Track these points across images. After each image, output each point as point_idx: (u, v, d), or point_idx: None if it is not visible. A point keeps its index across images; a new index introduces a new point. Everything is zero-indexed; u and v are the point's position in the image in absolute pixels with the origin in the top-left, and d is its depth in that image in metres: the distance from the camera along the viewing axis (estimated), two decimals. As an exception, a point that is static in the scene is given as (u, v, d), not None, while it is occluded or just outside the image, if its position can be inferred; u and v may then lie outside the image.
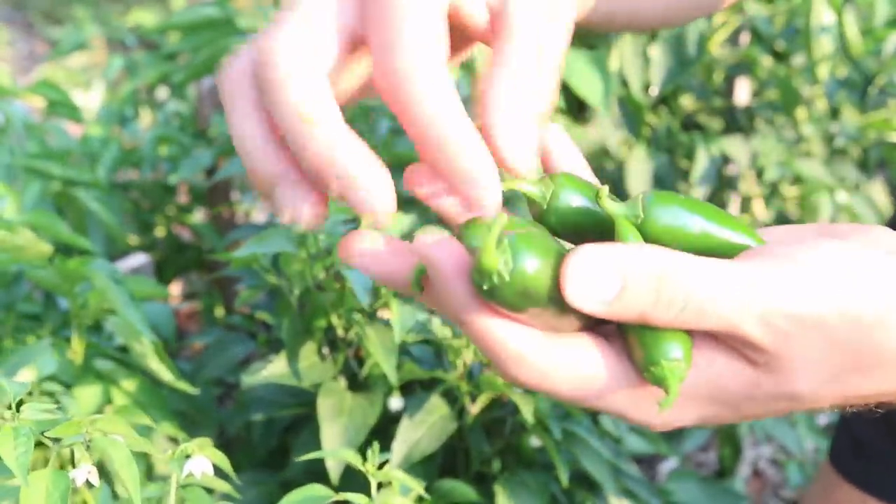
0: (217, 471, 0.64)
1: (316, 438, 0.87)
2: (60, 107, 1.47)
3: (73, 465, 0.59)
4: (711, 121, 1.79)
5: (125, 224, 1.52)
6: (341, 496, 0.64)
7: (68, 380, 0.88)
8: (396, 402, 0.91)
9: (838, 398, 0.43)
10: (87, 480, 0.58)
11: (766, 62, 1.73)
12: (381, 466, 0.69)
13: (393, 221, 0.93)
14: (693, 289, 0.39)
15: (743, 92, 1.77)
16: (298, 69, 0.40)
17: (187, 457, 0.62)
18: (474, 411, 0.90)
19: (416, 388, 0.95)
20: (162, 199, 1.62)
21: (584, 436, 0.89)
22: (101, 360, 0.93)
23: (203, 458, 0.62)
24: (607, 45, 1.57)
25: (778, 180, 1.75)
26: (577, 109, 1.60)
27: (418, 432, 0.86)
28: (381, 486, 0.70)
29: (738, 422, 0.45)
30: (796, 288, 0.40)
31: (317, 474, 0.86)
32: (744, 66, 1.73)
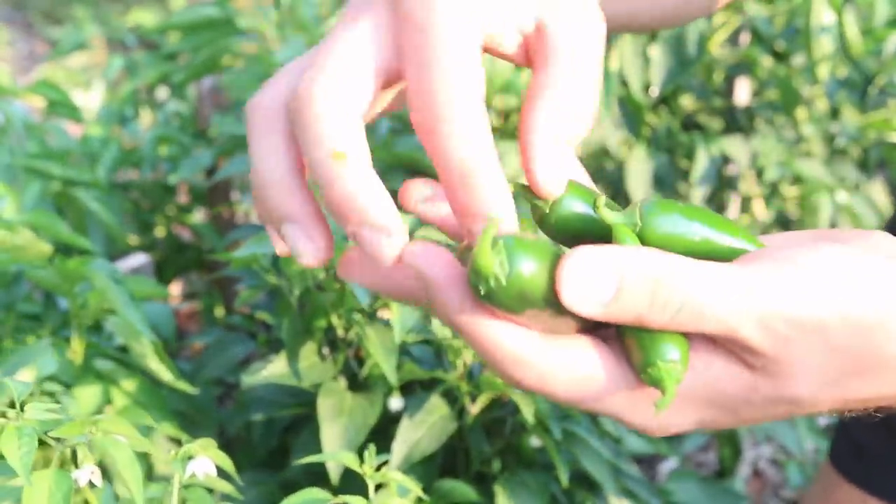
0: (218, 471, 0.64)
1: (316, 438, 0.87)
2: (60, 107, 1.47)
3: (74, 465, 0.59)
4: (711, 121, 1.79)
5: (125, 224, 1.52)
6: (339, 499, 0.64)
7: (68, 380, 0.88)
8: (396, 403, 0.91)
9: (838, 402, 0.43)
10: (89, 481, 0.58)
11: (766, 62, 1.73)
12: (379, 468, 0.69)
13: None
14: (690, 291, 0.39)
15: (743, 92, 1.77)
16: (335, 112, 0.40)
17: (190, 457, 0.62)
18: (474, 411, 0.90)
19: (416, 388, 0.95)
20: (162, 199, 1.62)
21: (585, 436, 0.89)
22: (101, 360, 0.92)
23: (206, 459, 0.62)
24: (607, 45, 1.57)
25: (778, 180, 1.75)
26: (577, 109, 1.60)
27: (418, 432, 0.86)
28: (381, 487, 0.70)
29: (736, 426, 0.45)
30: (796, 291, 0.40)
31: (317, 474, 0.86)
32: (744, 66, 1.73)
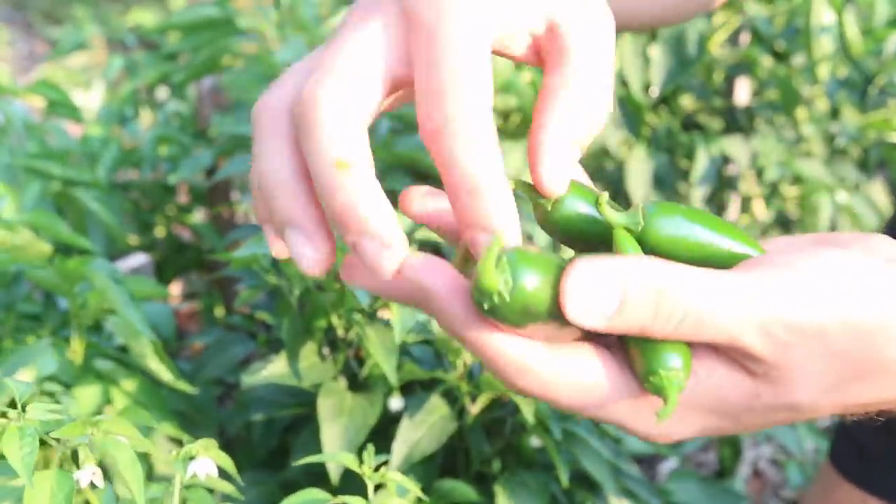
0: (219, 471, 0.64)
1: (316, 438, 0.87)
2: (60, 107, 1.47)
3: (74, 465, 0.59)
4: (711, 121, 1.79)
5: (125, 224, 1.52)
6: (339, 499, 0.64)
7: (68, 380, 0.88)
8: (396, 403, 0.91)
9: (839, 407, 0.43)
10: (90, 481, 0.58)
11: (766, 62, 1.73)
12: (378, 468, 0.69)
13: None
14: (692, 301, 0.39)
15: (743, 92, 1.77)
16: (340, 119, 0.40)
17: (191, 458, 0.62)
18: (474, 411, 0.90)
19: (416, 388, 0.95)
20: (162, 199, 1.62)
21: (585, 436, 0.89)
22: (100, 360, 0.92)
23: (207, 460, 0.62)
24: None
25: (778, 180, 1.75)
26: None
27: (418, 432, 0.86)
28: (380, 487, 0.70)
29: (738, 433, 0.45)
30: (796, 297, 0.40)
31: (317, 475, 0.86)
32: (744, 66, 1.73)
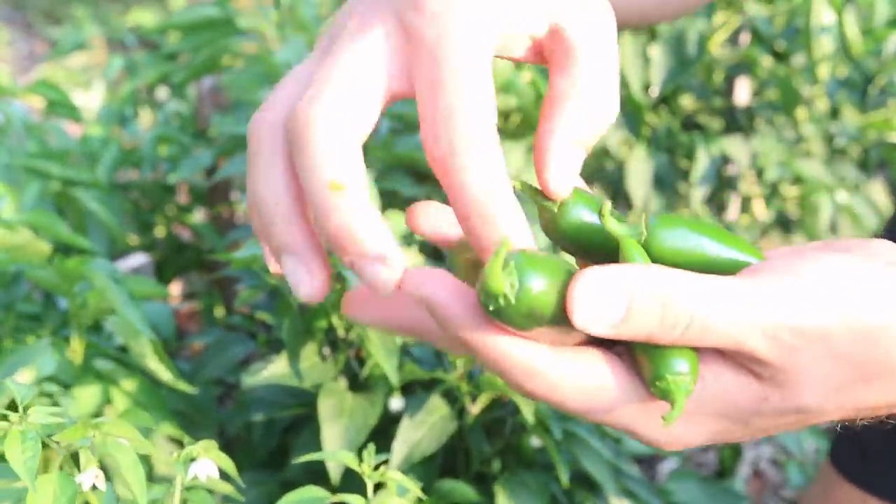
0: (219, 471, 0.64)
1: (316, 439, 0.87)
2: (60, 107, 1.47)
3: (75, 466, 0.59)
4: (711, 121, 1.79)
5: (125, 224, 1.52)
6: (338, 497, 0.64)
7: (68, 380, 0.88)
8: (397, 403, 0.91)
9: (846, 410, 0.43)
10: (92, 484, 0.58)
11: (766, 62, 1.73)
12: (378, 467, 0.69)
13: (393, 225, 0.94)
14: (697, 307, 0.39)
15: (743, 92, 1.77)
16: (334, 139, 0.39)
17: (192, 459, 0.62)
18: (474, 411, 0.90)
19: (416, 388, 0.95)
20: (162, 199, 1.62)
21: (585, 436, 0.89)
22: (100, 360, 0.92)
23: (208, 461, 0.62)
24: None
25: (778, 180, 1.75)
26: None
27: (419, 432, 0.86)
28: (380, 486, 0.70)
29: (747, 439, 0.45)
30: (799, 301, 0.40)
31: (317, 474, 0.86)
32: (744, 66, 1.73)
